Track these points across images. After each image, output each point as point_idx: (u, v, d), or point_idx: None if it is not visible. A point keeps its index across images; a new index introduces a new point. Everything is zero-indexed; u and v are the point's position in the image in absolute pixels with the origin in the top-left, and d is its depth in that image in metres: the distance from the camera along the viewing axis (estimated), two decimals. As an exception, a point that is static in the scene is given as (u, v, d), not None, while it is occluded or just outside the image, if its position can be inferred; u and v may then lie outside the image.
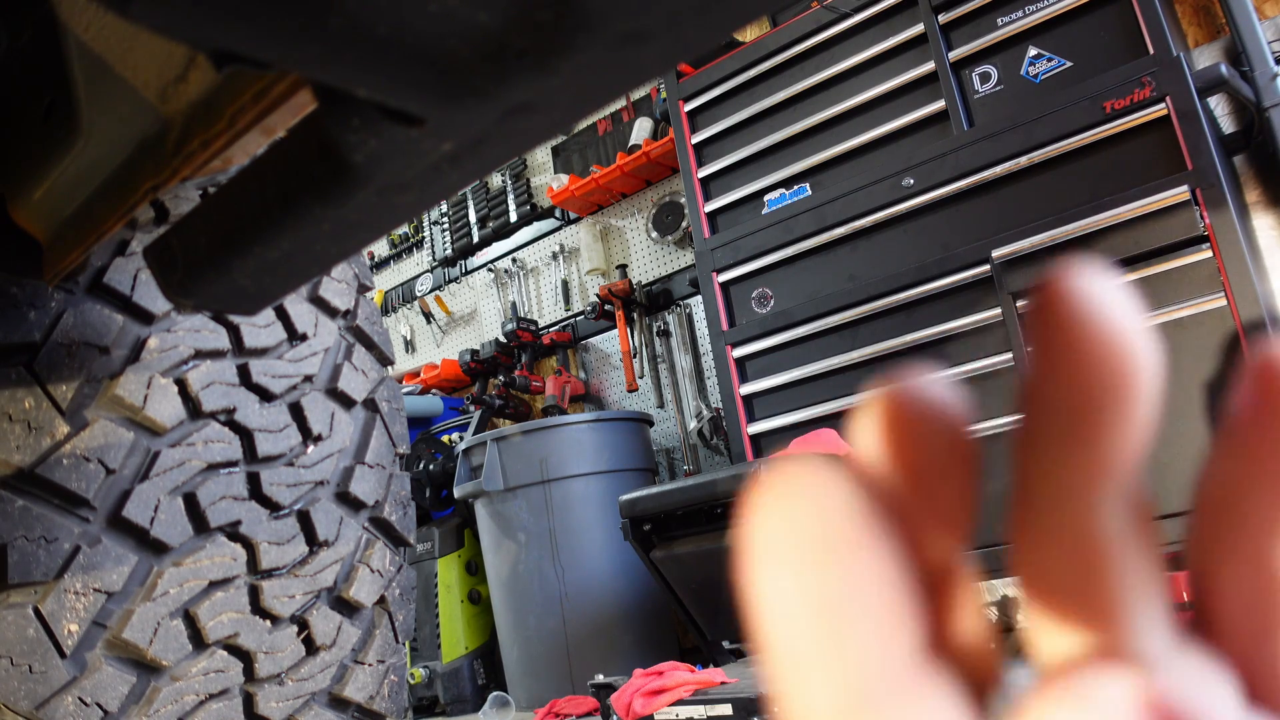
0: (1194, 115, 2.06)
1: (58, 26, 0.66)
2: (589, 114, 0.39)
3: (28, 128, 0.74)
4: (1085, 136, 2.19)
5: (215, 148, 0.53)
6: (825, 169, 2.67)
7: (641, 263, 3.91)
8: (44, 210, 0.78)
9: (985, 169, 2.33)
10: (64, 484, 0.95)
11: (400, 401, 1.32)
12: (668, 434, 3.67)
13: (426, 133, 0.38)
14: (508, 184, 4.31)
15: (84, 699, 0.94)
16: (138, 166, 0.63)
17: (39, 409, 0.96)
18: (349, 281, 1.27)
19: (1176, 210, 2.04)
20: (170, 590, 1.01)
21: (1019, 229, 2.25)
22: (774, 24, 2.91)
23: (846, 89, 2.64)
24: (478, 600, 3.51)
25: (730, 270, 2.79)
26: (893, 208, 2.49)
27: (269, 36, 0.31)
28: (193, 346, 1.07)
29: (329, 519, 1.16)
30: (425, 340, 4.69)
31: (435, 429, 4.02)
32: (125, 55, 0.56)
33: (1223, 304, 1.99)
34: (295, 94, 0.49)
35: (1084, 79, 2.23)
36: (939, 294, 2.40)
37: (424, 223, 4.71)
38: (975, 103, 2.42)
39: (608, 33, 0.33)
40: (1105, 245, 2.13)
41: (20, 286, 0.96)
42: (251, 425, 1.10)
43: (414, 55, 0.33)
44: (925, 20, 2.47)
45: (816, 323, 2.60)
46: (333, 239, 0.47)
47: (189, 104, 0.54)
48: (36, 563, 0.92)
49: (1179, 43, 2.28)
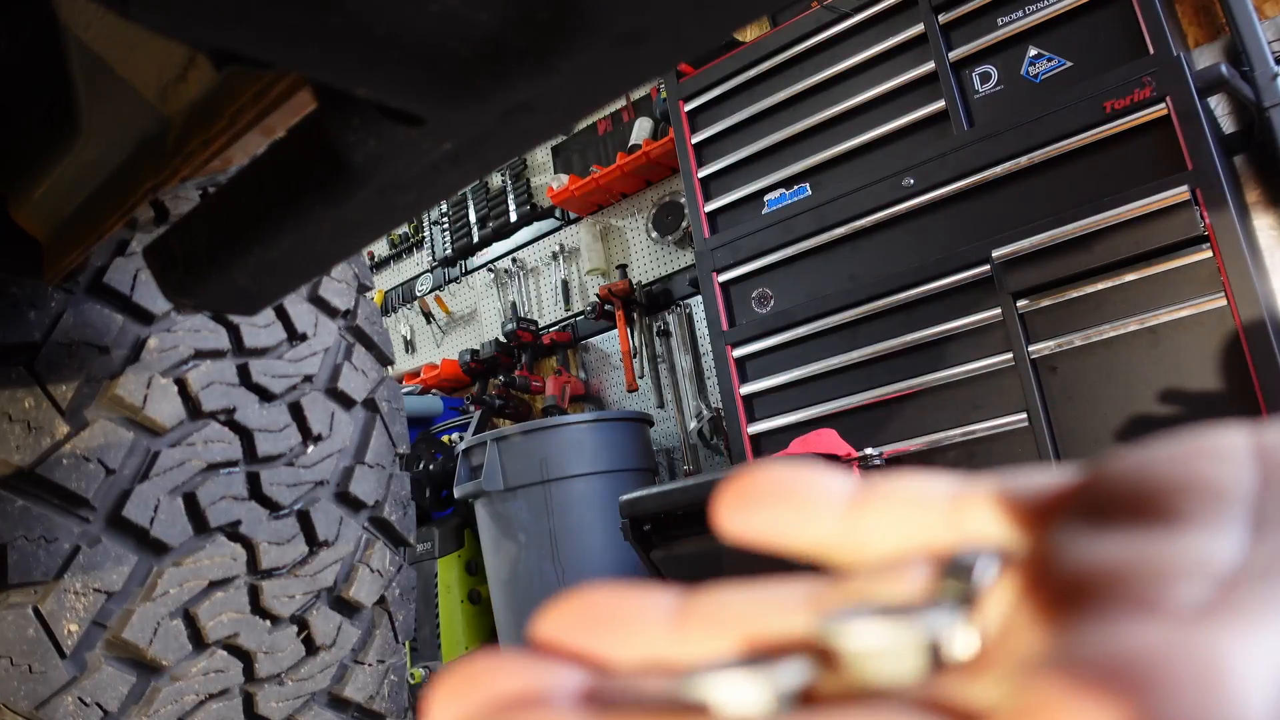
0: (1194, 115, 2.06)
1: (58, 26, 0.66)
2: (589, 114, 0.39)
3: (28, 128, 0.74)
4: (1085, 136, 2.19)
5: (215, 148, 0.53)
6: (825, 169, 2.67)
7: (641, 263, 3.91)
8: (44, 210, 0.78)
9: (985, 169, 2.33)
10: (64, 484, 0.95)
11: (400, 401, 1.32)
12: (668, 434, 3.67)
13: (426, 133, 0.38)
14: (508, 184, 4.31)
15: (84, 699, 0.94)
16: (138, 166, 0.63)
17: (39, 409, 0.96)
18: (349, 281, 1.27)
19: (1176, 210, 2.04)
20: (170, 590, 1.01)
21: (1019, 229, 2.25)
22: (774, 24, 2.91)
23: (846, 89, 2.64)
24: (478, 600, 3.51)
25: (730, 270, 2.79)
26: (893, 208, 2.49)
27: (269, 36, 0.31)
28: (193, 346, 1.07)
29: (329, 519, 1.16)
30: (425, 340, 4.69)
31: (435, 429, 4.02)
32: (125, 55, 0.56)
33: (1223, 304, 1.99)
34: (295, 94, 0.49)
35: (1084, 79, 2.23)
36: (939, 294, 2.40)
37: (424, 223, 4.71)
38: (975, 103, 2.42)
39: (607, 32, 0.33)
40: (1105, 245, 2.13)
41: (20, 286, 0.96)
42: (251, 425, 1.10)
43: (414, 55, 0.33)
44: (925, 20, 2.46)
45: (816, 323, 2.60)
46: (333, 239, 0.47)
47: (189, 104, 0.54)
48: (36, 563, 0.92)
49: (1179, 43, 2.28)
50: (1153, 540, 0.14)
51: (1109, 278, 2.13)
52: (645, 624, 0.17)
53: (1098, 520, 0.15)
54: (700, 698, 0.15)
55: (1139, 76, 2.13)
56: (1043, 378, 2.21)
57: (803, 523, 0.18)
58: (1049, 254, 2.20)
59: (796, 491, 0.18)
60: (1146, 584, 0.13)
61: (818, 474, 0.18)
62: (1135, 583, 0.13)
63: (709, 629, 0.17)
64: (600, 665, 0.17)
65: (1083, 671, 0.12)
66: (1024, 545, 0.16)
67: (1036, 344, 2.22)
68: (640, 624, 0.17)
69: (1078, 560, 0.14)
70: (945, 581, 0.16)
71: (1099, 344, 2.14)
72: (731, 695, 0.14)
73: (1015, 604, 0.15)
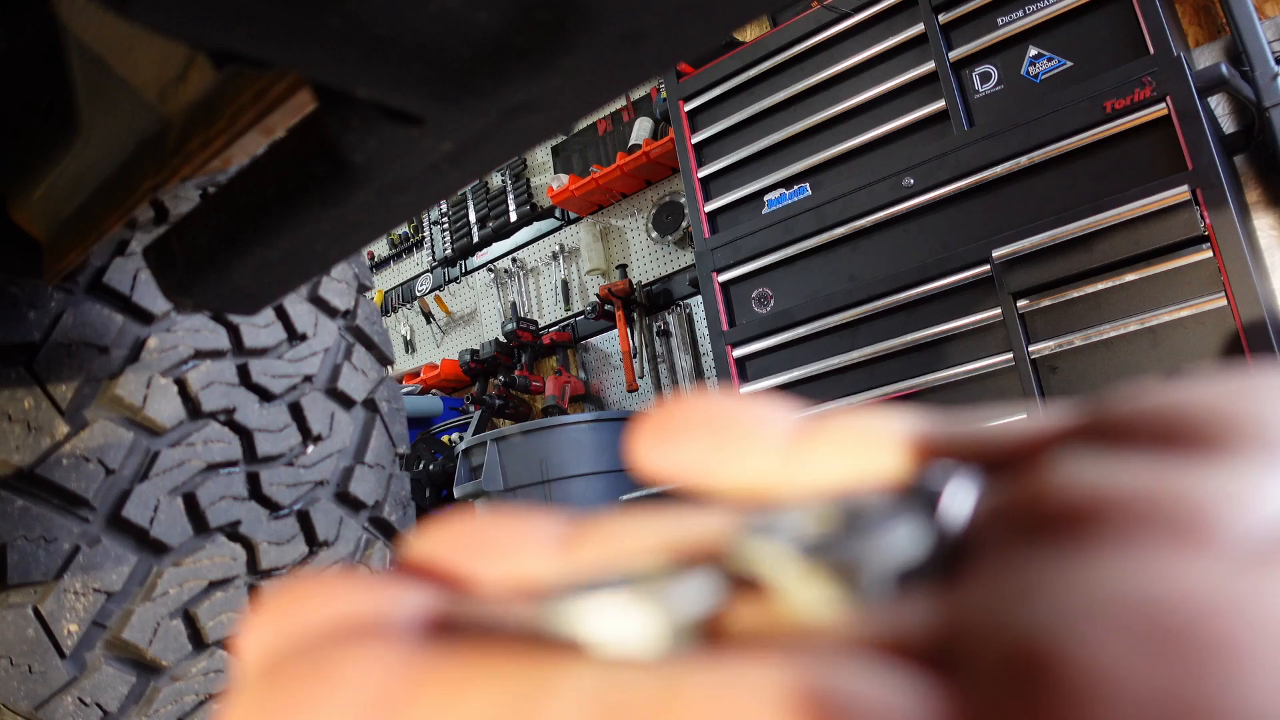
0: (1194, 115, 2.06)
1: (58, 26, 0.66)
2: (589, 113, 0.39)
3: (28, 127, 0.74)
4: (1085, 136, 2.19)
5: (215, 147, 0.53)
6: (825, 169, 2.67)
7: (641, 263, 3.91)
8: (44, 210, 0.78)
9: (985, 169, 2.33)
10: (64, 484, 0.95)
11: (400, 401, 1.32)
12: (668, 434, 3.67)
13: (426, 132, 0.38)
14: (508, 184, 4.31)
15: (84, 699, 0.94)
16: (137, 166, 0.63)
17: (39, 409, 0.96)
18: (349, 281, 1.27)
19: (1177, 210, 2.04)
20: (170, 590, 1.01)
21: (1019, 229, 2.25)
22: (774, 24, 2.91)
23: (846, 89, 2.63)
24: (478, 600, 3.51)
25: (730, 270, 2.79)
26: (893, 208, 2.49)
27: (269, 36, 0.31)
28: (192, 346, 1.07)
29: (329, 519, 1.16)
30: (425, 340, 4.69)
31: (435, 429, 4.02)
32: (125, 55, 0.56)
33: (1223, 304, 1.99)
34: (295, 94, 0.49)
35: (1084, 79, 2.23)
36: (939, 294, 2.40)
37: (424, 223, 4.71)
38: (975, 102, 2.41)
39: (607, 32, 0.33)
40: (1105, 245, 2.13)
41: (20, 286, 0.96)
42: (251, 425, 1.10)
43: (414, 55, 0.33)
44: (925, 20, 2.46)
45: (816, 323, 2.60)
46: (333, 239, 0.47)
47: (189, 104, 0.54)
48: (36, 563, 0.92)
49: (1179, 42, 2.28)
50: (1188, 471, 0.11)
51: (1109, 278, 2.13)
52: (531, 545, 0.14)
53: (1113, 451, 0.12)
54: (571, 625, 0.11)
55: (1139, 76, 2.13)
56: (1043, 378, 2.21)
57: (734, 458, 0.15)
58: (1049, 254, 2.20)
59: (728, 424, 0.15)
60: (1184, 516, 0.10)
61: (752, 405, 0.15)
62: (1168, 514, 0.10)
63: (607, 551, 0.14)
64: (463, 588, 0.14)
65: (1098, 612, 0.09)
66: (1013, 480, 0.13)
67: (1037, 344, 2.22)
68: (525, 545, 0.14)
69: (1089, 488, 0.11)
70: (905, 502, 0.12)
71: (1099, 344, 2.14)
72: (611, 622, 0.11)
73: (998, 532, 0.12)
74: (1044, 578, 0.10)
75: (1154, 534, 0.10)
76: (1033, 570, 0.10)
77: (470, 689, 0.10)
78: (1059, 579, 0.10)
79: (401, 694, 0.11)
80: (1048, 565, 0.10)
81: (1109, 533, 0.10)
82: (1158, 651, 0.08)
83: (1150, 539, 0.10)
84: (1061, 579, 0.10)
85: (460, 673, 0.11)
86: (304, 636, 0.12)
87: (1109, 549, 0.10)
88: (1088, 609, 0.09)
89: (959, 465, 0.13)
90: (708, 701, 0.09)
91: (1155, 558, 0.09)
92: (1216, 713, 0.08)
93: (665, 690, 0.10)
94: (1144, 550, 0.10)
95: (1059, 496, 0.11)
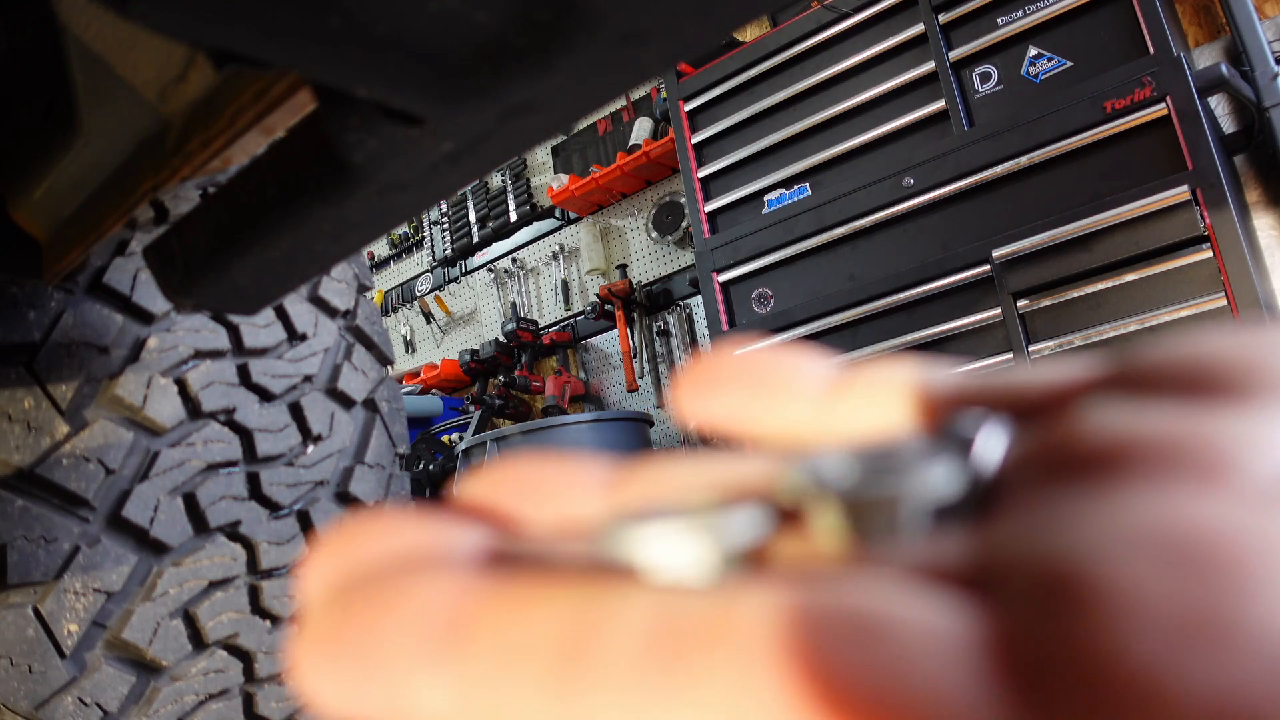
0: (1194, 115, 2.06)
1: (58, 26, 0.66)
2: (589, 114, 0.39)
3: (28, 128, 0.74)
4: (1085, 136, 2.19)
5: (215, 147, 0.53)
6: (825, 169, 2.67)
7: (641, 263, 3.91)
8: (44, 210, 0.78)
9: (985, 169, 2.33)
10: (64, 484, 0.95)
11: (400, 401, 1.32)
12: (668, 434, 3.67)
13: (426, 132, 0.38)
14: (508, 184, 4.31)
15: (84, 699, 0.94)
16: (137, 166, 0.63)
17: (38, 409, 0.96)
18: (349, 281, 1.27)
19: (1177, 210, 2.04)
20: (170, 590, 1.01)
21: (1019, 229, 2.25)
22: (774, 24, 2.91)
23: (846, 89, 2.64)
24: (478, 600, 3.51)
25: (730, 270, 2.79)
26: (893, 208, 2.49)
27: (269, 36, 0.31)
28: (192, 346, 1.07)
29: (329, 520, 1.16)
30: (425, 340, 4.69)
31: (435, 429, 4.02)
32: (125, 55, 0.56)
33: (1223, 304, 1.99)
34: (295, 94, 0.49)
35: (1084, 79, 2.23)
36: (939, 294, 2.40)
37: (424, 223, 4.71)
38: (975, 103, 2.41)
39: (607, 32, 0.33)
40: (1105, 245, 2.13)
41: (20, 286, 0.96)
42: (251, 425, 1.10)
43: (414, 55, 0.33)
44: (925, 20, 2.46)
45: (816, 323, 2.60)
46: (333, 239, 0.47)
47: (189, 104, 0.54)
48: (36, 563, 0.92)
49: (1179, 42, 2.28)
50: (1211, 417, 0.11)
51: (1109, 278, 2.13)
52: (578, 487, 0.15)
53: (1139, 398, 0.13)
54: (626, 554, 0.12)
55: (1139, 76, 2.13)
56: (1043, 378, 2.21)
57: (773, 407, 0.16)
58: (1049, 254, 2.20)
59: (767, 374, 0.16)
60: (1207, 458, 0.11)
61: (790, 357, 0.16)
62: (1192, 456, 0.11)
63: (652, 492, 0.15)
64: (515, 528, 0.14)
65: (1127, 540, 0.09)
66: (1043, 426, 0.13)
67: (1037, 344, 2.22)
68: (573, 488, 0.15)
69: (1116, 432, 0.12)
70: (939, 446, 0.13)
71: (1099, 344, 2.14)
72: (665, 551, 0.12)
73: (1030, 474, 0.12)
74: (1074, 511, 0.10)
75: (1178, 473, 0.11)
76: (1064, 505, 0.11)
77: (533, 609, 0.11)
78: (1089, 512, 0.10)
79: (468, 615, 0.11)
80: (1078, 501, 0.11)
81: (1136, 472, 0.11)
82: (1180, 572, 0.09)
83: (1175, 478, 0.10)
84: (1091, 512, 0.10)
85: (523, 595, 0.11)
86: (369, 567, 0.13)
87: (1136, 486, 0.10)
88: (1116, 536, 0.10)
89: (991, 413, 0.14)
90: (759, 621, 0.10)
91: (1179, 494, 0.10)
92: (1232, 625, 0.08)
93: (718, 611, 0.10)
94: (1169, 487, 0.10)
95: (1088, 440, 0.12)
